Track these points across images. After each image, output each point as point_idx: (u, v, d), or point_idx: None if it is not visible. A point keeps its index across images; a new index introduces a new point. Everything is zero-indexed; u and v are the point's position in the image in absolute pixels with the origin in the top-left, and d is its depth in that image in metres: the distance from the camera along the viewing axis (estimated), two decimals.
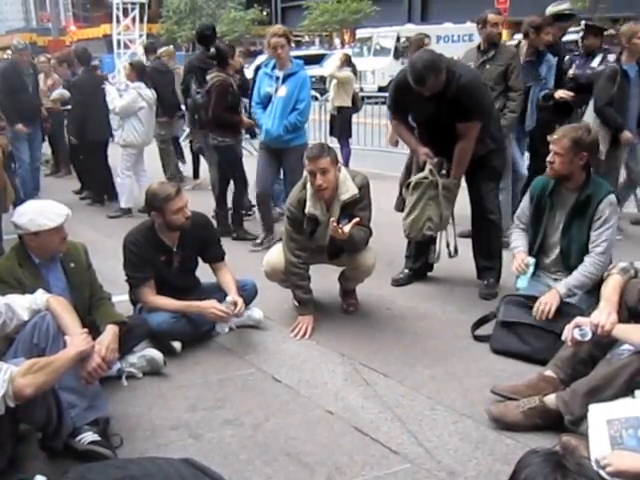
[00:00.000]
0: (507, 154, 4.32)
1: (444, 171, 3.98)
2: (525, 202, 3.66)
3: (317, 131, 9.78)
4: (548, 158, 3.38)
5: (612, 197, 3.34)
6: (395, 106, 4.21)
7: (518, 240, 3.61)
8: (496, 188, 4.28)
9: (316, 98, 10.23)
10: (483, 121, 3.95)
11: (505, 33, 29.07)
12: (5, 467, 2.38)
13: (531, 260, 3.47)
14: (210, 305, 3.47)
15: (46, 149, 8.76)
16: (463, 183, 4.24)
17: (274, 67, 5.11)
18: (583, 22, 6.43)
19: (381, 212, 4.08)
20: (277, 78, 5.03)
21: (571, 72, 6.26)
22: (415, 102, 3.93)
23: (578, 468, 1.30)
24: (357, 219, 3.56)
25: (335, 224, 3.49)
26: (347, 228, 3.52)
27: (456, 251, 4.29)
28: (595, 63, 6.22)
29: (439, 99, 3.79)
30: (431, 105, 3.83)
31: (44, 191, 7.42)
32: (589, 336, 2.60)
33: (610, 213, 3.30)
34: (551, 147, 3.36)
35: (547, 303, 3.23)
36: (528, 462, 1.35)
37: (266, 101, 5.10)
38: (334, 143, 8.18)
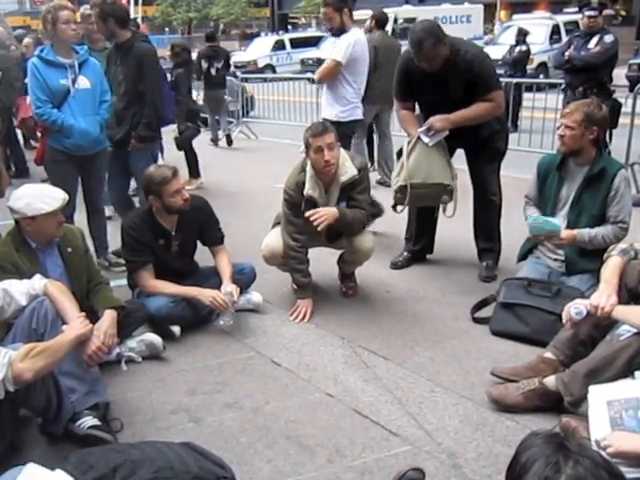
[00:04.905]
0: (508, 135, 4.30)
1: None
2: (532, 179, 3.69)
3: (314, 114, 9.72)
4: (559, 132, 3.42)
5: (624, 171, 3.44)
6: (402, 90, 4.11)
7: (533, 213, 3.62)
8: (498, 169, 4.24)
9: (313, 80, 10.16)
10: (501, 88, 3.95)
11: (503, 14, 28.87)
12: (5, 452, 2.38)
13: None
14: (211, 293, 3.46)
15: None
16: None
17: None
18: (594, 1, 6.36)
19: (379, 195, 4.05)
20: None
21: (567, 54, 6.23)
22: (422, 84, 3.88)
23: (580, 449, 1.30)
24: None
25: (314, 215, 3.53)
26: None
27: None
28: (592, 44, 6.18)
29: (447, 79, 3.74)
30: (440, 86, 3.78)
31: (33, 177, 7.11)
32: (584, 314, 2.60)
33: (624, 187, 3.39)
34: (562, 121, 3.40)
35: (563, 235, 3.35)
36: (530, 444, 1.35)
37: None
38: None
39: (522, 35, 10.75)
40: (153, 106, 4.45)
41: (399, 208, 4.06)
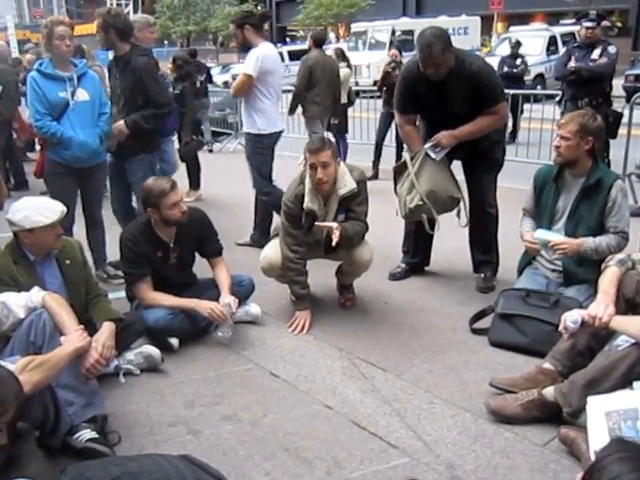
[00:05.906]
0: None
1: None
2: (529, 191, 3.71)
3: None
4: (554, 143, 3.44)
5: (620, 182, 3.44)
6: (405, 103, 4.05)
7: (526, 225, 3.66)
8: (495, 181, 4.25)
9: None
10: (506, 100, 3.99)
11: (500, 26, 29.13)
12: (2, 465, 2.37)
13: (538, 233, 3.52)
14: (209, 305, 3.46)
15: None
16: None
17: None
18: (592, 12, 6.39)
19: (377, 206, 4.05)
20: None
21: (572, 65, 6.22)
22: (425, 95, 3.87)
23: None
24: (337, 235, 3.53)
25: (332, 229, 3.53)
26: (335, 240, 3.52)
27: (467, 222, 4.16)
28: (595, 55, 6.19)
29: (451, 90, 3.75)
30: (443, 98, 3.78)
31: (32, 189, 7.15)
32: (579, 322, 2.61)
33: (621, 198, 3.39)
34: (558, 132, 3.42)
35: (567, 244, 3.34)
36: (622, 455, 1.23)
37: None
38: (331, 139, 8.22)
39: (517, 45, 10.82)
40: (158, 108, 4.39)
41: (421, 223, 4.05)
